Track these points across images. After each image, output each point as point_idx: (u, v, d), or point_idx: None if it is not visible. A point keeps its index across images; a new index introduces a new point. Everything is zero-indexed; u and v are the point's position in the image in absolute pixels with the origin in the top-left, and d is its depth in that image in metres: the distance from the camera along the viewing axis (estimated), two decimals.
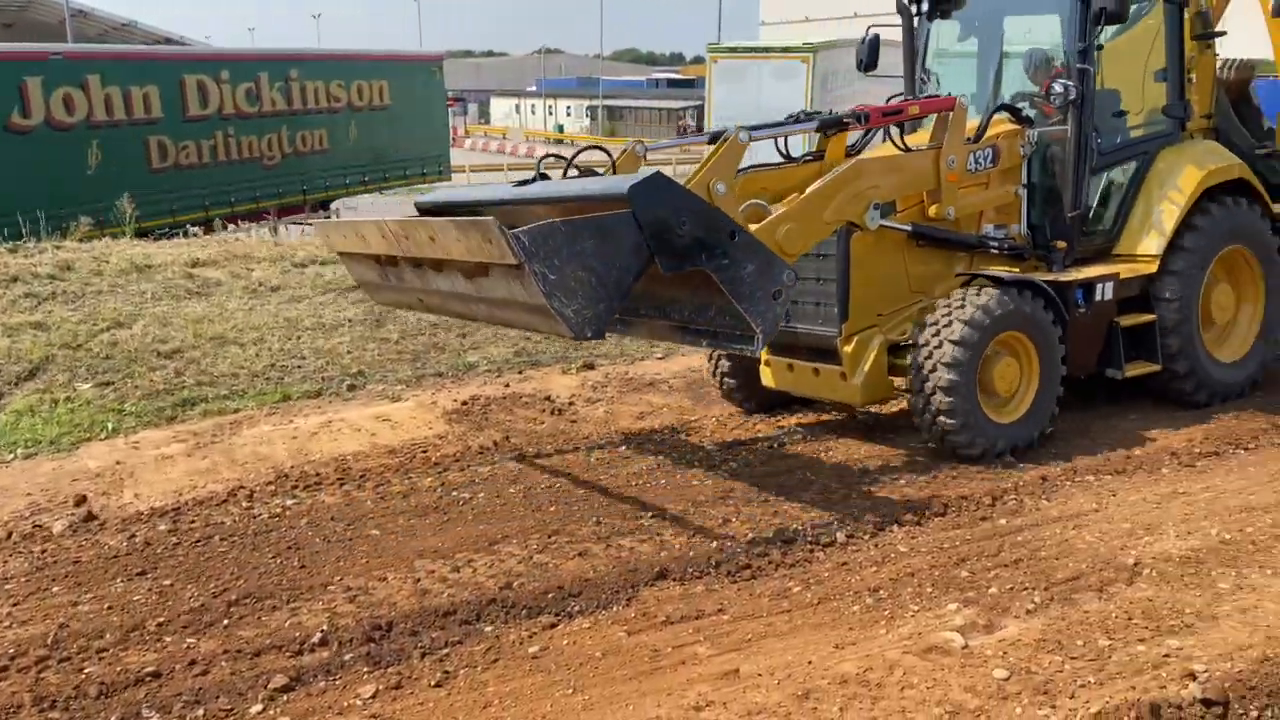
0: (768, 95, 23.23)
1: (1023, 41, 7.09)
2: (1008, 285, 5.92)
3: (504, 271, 4.33)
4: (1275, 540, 4.59)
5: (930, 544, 4.68)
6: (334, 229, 6.10)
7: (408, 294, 5.69)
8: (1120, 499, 5.18)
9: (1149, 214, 6.67)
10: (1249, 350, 7.00)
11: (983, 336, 5.65)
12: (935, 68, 7.28)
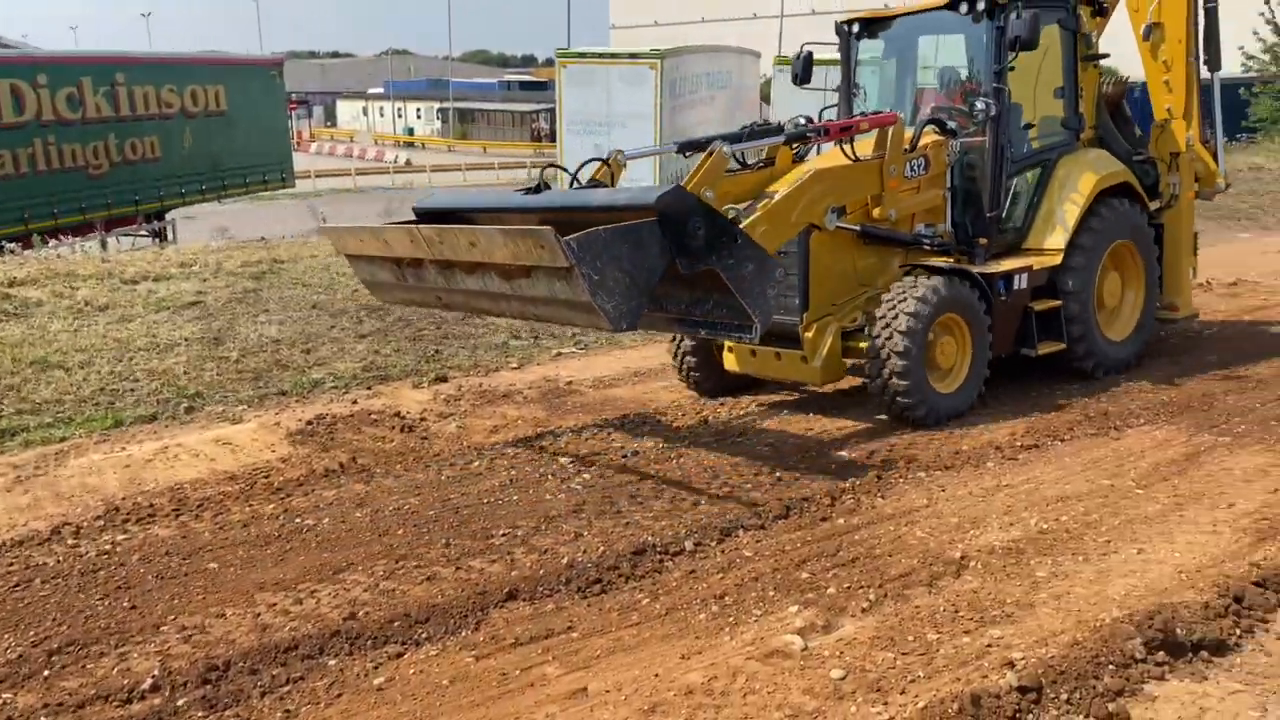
0: (617, 101, 23.44)
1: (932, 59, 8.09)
2: (946, 274, 6.78)
3: (549, 273, 4.96)
4: (1086, 528, 4.93)
5: (774, 547, 4.83)
6: (349, 234, 6.50)
7: (425, 293, 6.24)
8: (949, 494, 5.46)
9: (1053, 214, 7.59)
10: (1134, 330, 8.02)
11: (929, 318, 6.50)
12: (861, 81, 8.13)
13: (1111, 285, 7.90)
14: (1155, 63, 8.59)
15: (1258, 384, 7.60)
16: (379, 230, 6.18)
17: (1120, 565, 4.47)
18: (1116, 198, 7.80)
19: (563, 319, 5.53)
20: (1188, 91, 8.54)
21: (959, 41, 7.78)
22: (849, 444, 6.46)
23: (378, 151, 54.05)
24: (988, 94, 7.20)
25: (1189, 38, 8.46)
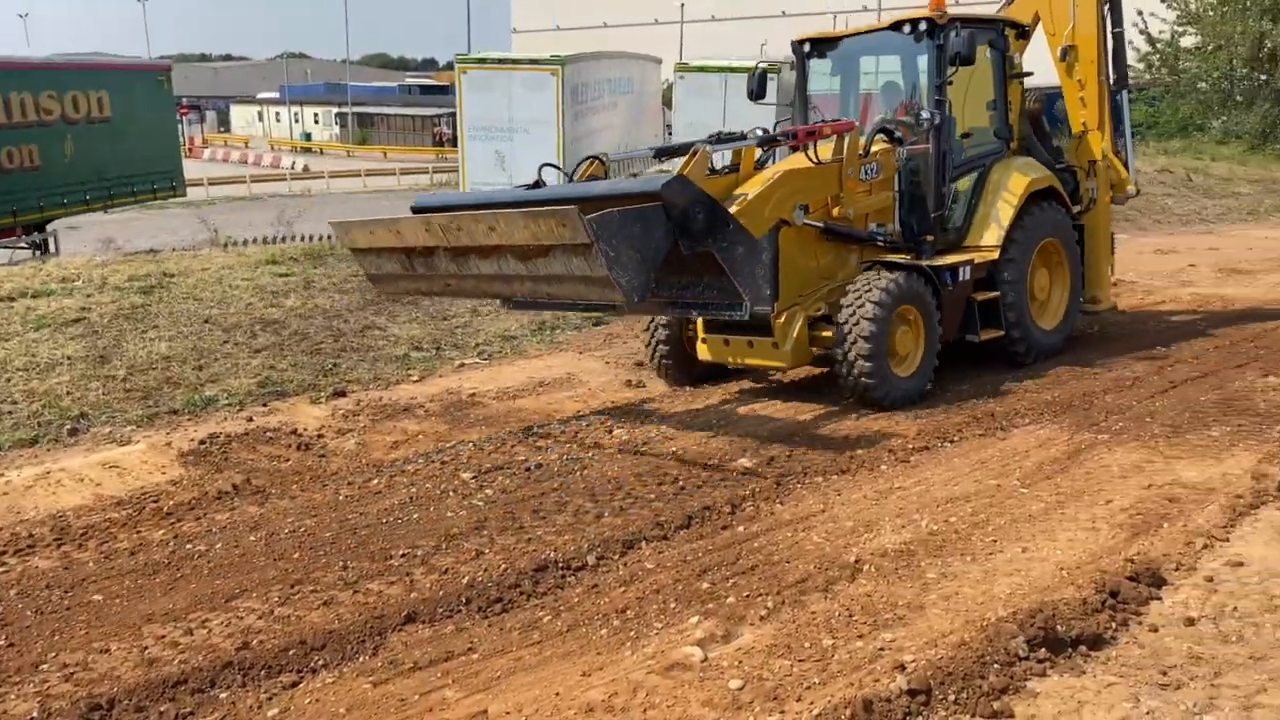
0: (519, 107, 23.32)
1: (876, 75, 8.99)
2: (904, 270, 7.47)
3: (568, 250, 5.46)
4: (974, 528, 5.10)
5: (676, 558, 4.87)
6: (358, 228, 6.90)
7: (434, 281, 6.68)
8: (844, 498, 5.59)
9: (989, 214, 8.38)
10: (1061, 320, 8.89)
11: (890, 308, 7.16)
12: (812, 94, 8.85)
13: (1041, 279, 8.71)
14: (1071, 81, 9.40)
15: (1134, 382, 7.97)
16: (392, 221, 6.63)
17: (1005, 564, 4.64)
18: (1044, 200, 8.62)
19: (578, 294, 5.95)
20: (1100, 106, 9.41)
21: (901, 60, 8.69)
22: (750, 451, 6.56)
23: (274, 158, 52.66)
24: (930, 106, 8.02)
25: (1100, 58, 9.35)
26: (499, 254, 5.94)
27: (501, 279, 6.17)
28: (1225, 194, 22.94)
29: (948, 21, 7.93)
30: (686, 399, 7.99)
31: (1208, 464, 5.97)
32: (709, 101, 25.98)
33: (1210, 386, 7.80)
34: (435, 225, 6.20)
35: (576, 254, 5.44)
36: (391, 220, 6.66)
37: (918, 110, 8.22)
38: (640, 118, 31.34)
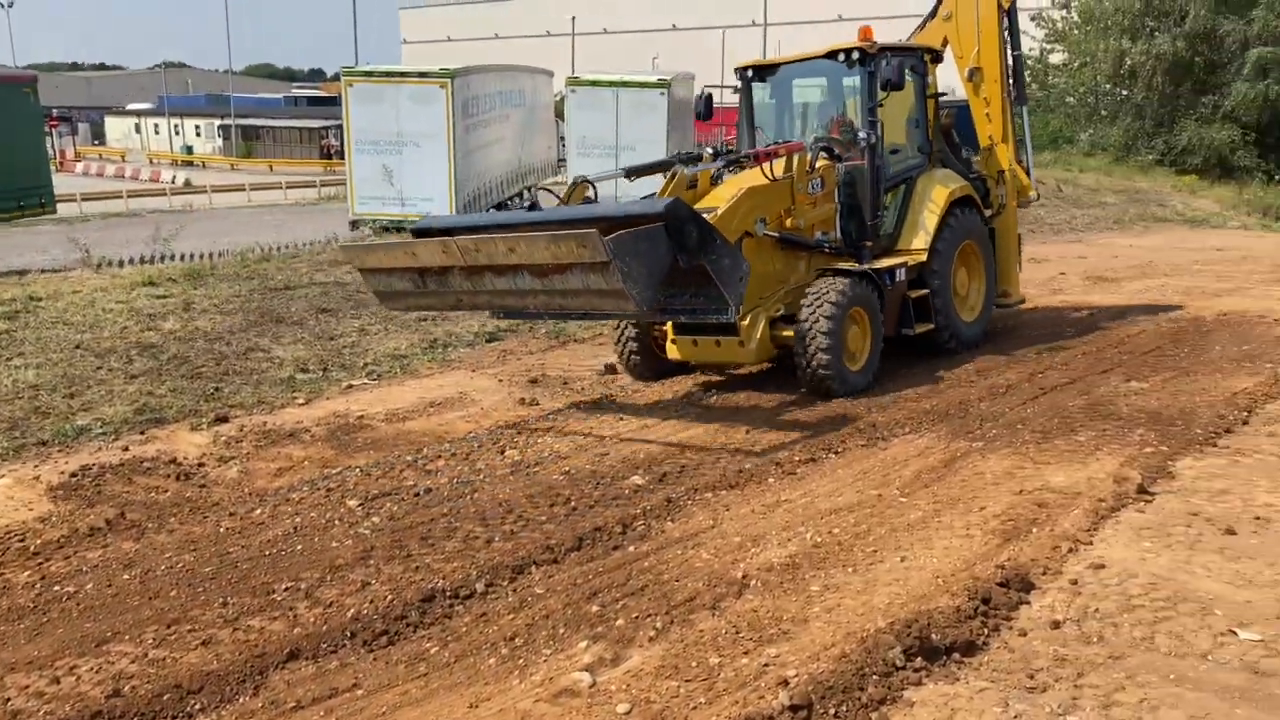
0: (407, 120, 23.03)
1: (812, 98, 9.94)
2: (854, 275, 8.32)
3: (585, 268, 6.15)
4: (856, 539, 5.24)
5: (566, 581, 4.88)
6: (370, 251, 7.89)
7: (445, 297, 7.33)
8: (733, 513, 5.68)
9: (917, 221, 9.27)
10: (980, 313, 9.87)
11: (844, 310, 7.95)
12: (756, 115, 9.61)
13: (962, 277, 9.67)
14: (978, 99, 10.48)
15: (1008, 390, 8.31)
16: (407, 245, 7.35)
17: (885, 574, 4.78)
18: (962, 207, 9.57)
19: (591, 306, 6.67)
20: (1004, 121, 10.48)
21: (835, 84, 9.64)
22: (642, 469, 6.60)
23: (153, 172, 50.72)
24: (864, 127, 8.89)
25: (1002, 78, 10.38)
26: (515, 272, 6.64)
27: (515, 294, 6.85)
28: (1093, 204, 24.14)
29: (878, 51, 8.85)
30: (580, 416, 8.01)
31: (1074, 468, 6.26)
32: (601, 115, 26.14)
33: (1078, 392, 8.19)
34: (454, 247, 6.78)
35: (594, 271, 6.14)
36: (407, 243, 7.39)
37: (851, 129, 9.16)
38: (533, 130, 31.30)
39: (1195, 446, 6.69)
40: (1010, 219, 10.61)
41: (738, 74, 9.64)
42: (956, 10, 10.40)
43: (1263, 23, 28.30)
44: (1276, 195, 27.17)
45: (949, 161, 9.94)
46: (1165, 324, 10.94)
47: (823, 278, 8.28)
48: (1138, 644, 4.04)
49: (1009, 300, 10.69)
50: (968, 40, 10.32)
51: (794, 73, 9.62)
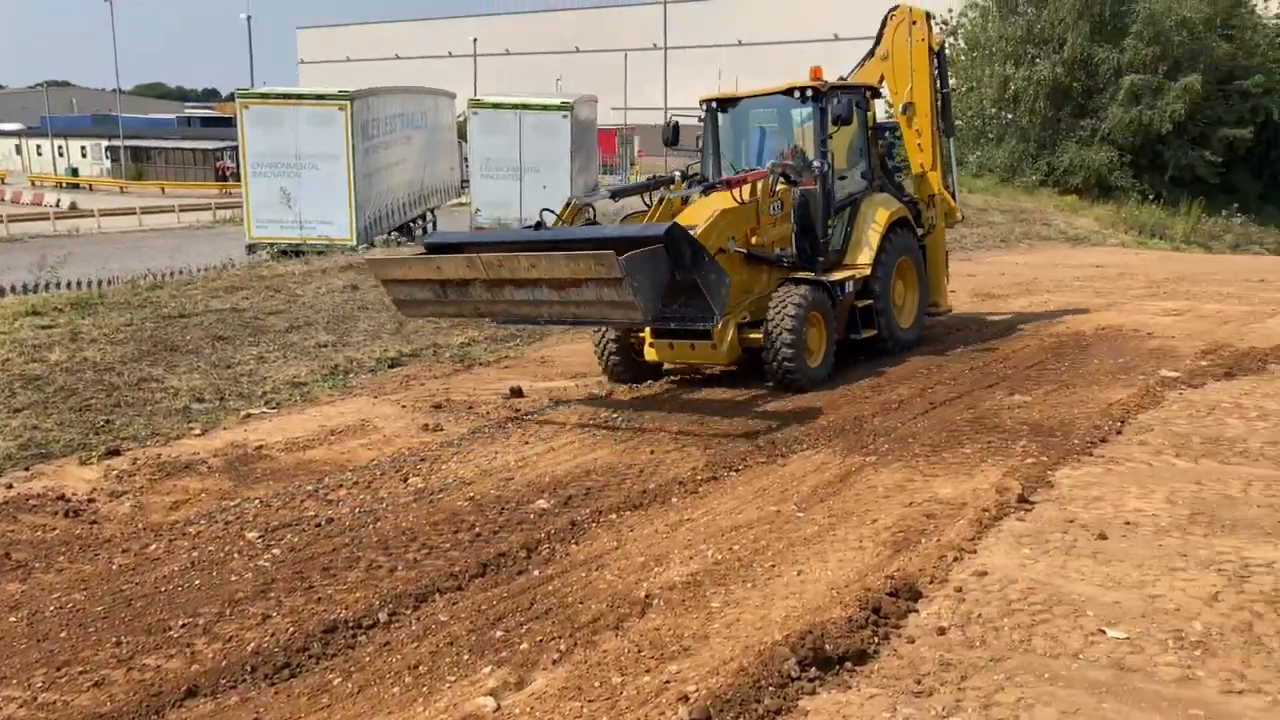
0: (306, 142, 22.75)
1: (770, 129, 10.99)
2: (812, 284, 9.38)
3: (599, 283, 7.16)
4: (755, 555, 5.40)
5: (470, 608, 4.90)
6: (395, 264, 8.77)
7: (463, 306, 8.22)
8: (637, 534, 5.79)
9: (862, 239, 10.35)
10: (915, 320, 11.01)
11: (804, 314, 9.01)
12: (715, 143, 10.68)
13: (899, 289, 10.78)
14: (910, 130, 11.53)
15: (900, 405, 8.62)
16: (431, 259, 8.27)
17: (783, 588, 4.94)
18: (899, 227, 10.69)
19: (602, 315, 7.80)
20: (934, 151, 11.59)
21: (790, 118, 10.78)
22: (547, 493, 6.66)
23: (36, 195, 48.72)
24: (817, 156, 10.05)
25: (933, 112, 11.54)
26: (534, 285, 7.55)
27: (532, 304, 7.79)
28: (981, 223, 25.08)
29: (829, 89, 10.06)
30: (485, 441, 8.02)
31: (961, 480, 6.55)
32: (504, 137, 26.22)
33: (965, 406, 8.55)
34: (479, 262, 7.69)
35: (608, 285, 7.16)
36: (431, 258, 8.32)
37: (803, 157, 10.31)
38: (435, 152, 31.18)
39: (1073, 456, 7.06)
40: (939, 238, 11.89)
41: (702, 105, 10.76)
42: (892, 51, 11.47)
43: (1134, 51, 29.88)
44: (1151, 214, 28.68)
45: (887, 186, 11.12)
46: (1047, 339, 11.47)
47: (785, 286, 9.34)
48: (1016, 646, 4.27)
49: (939, 309, 11.83)
50: (902, 78, 11.42)
51: (752, 105, 10.75)
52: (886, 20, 11.59)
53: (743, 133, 10.93)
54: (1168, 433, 7.64)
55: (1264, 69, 30.56)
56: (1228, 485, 6.35)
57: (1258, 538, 5.41)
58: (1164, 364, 9.99)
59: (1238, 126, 30.08)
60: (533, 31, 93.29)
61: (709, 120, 10.66)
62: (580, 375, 10.39)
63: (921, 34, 11.46)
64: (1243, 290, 15.22)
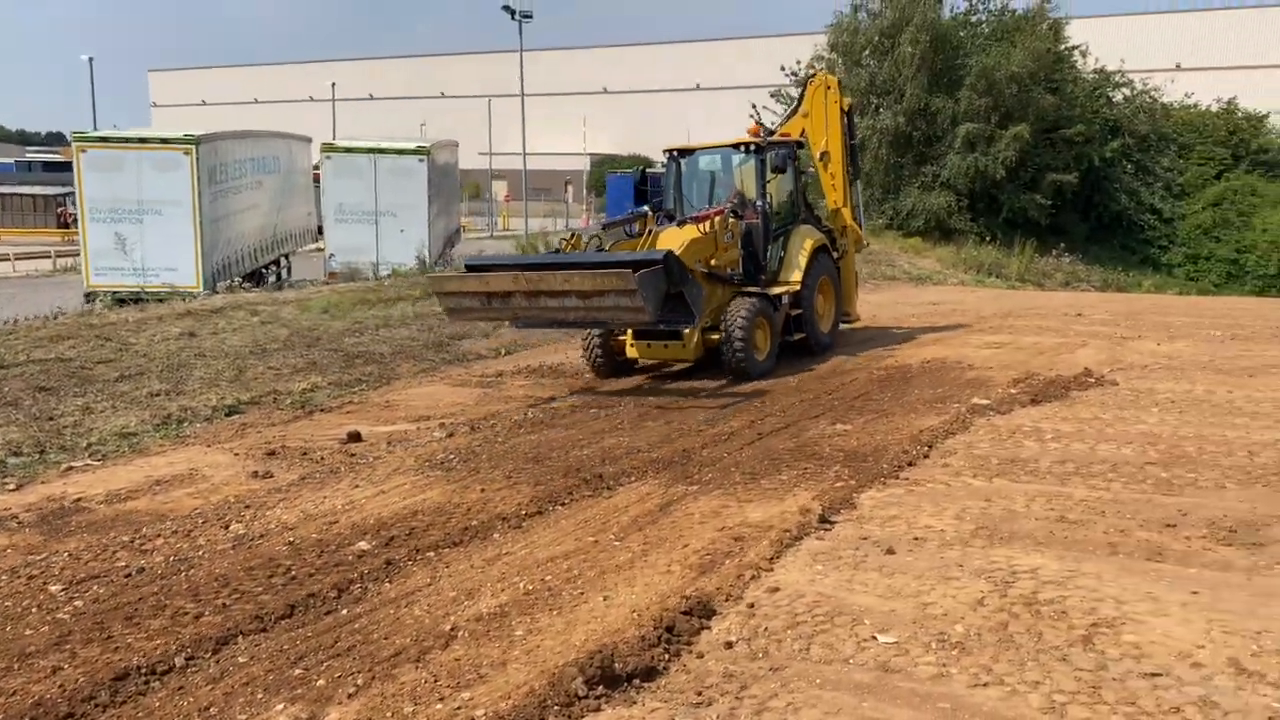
0: (149, 187, 22.09)
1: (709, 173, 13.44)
2: (758, 297, 12.00)
3: (618, 293, 9.72)
4: (567, 584, 5.53)
5: (272, 649, 4.87)
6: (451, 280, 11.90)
7: (505, 312, 10.83)
8: (453, 569, 5.85)
9: (793, 261, 12.93)
10: (832, 327, 13.70)
11: (753, 318, 11.55)
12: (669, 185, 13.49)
13: (820, 302, 13.28)
14: (826, 173, 14.30)
15: (729, 437, 8.95)
16: (482, 275, 10.97)
17: (587, 614, 5.09)
18: (821, 252, 13.27)
19: (617, 318, 10.37)
20: (845, 191, 14.40)
21: (731, 165, 13.21)
22: (370, 534, 6.65)
23: None
24: (758, 197, 12.72)
25: (844, 159, 14.33)
26: (565, 295, 10.08)
27: (561, 310, 10.30)
28: None
29: (769, 144, 12.72)
30: (314, 486, 7.95)
31: (772, 505, 6.86)
32: (359, 181, 26.01)
33: (790, 436, 8.94)
34: (522, 278, 10.27)
35: (624, 296, 9.73)
36: (481, 275, 11.01)
37: (742, 198, 12.65)
38: (290, 197, 30.64)
39: (880, 480, 7.48)
40: (850, 261, 14.49)
41: (666, 154, 13.52)
42: (812, 110, 14.20)
43: (968, 102, 31.84)
44: (988, 254, 30.44)
45: (809, 219, 13.70)
46: (876, 371, 12.08)
47: (738, 298, 11.83)
48: (795, 656, 4.53)
49: (850, 319, 14.55)
50: (819, 132, 14.14)
51: (703, 155, 13.40)
52: (807, 84, 14.64)
53: (697, 177, 13.45)
54: (970, 455, 8.17)
55: (1084, 119, 32.98)
56: (1013, 501, 6.85)
57: (1029, 548, 5.86)
58: (978, 393, 10.66)
59: (1064, 172, 32.30)
60: (397, 76, 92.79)
61: (671, 166, 13.31)
62: (423, 418, 10.39)
63: (835, 97, 14.23)
64: (1060, 324, 16.34)
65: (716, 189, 13.26)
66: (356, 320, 16.02)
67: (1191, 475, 7.43)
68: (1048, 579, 5.30)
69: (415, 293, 18.07)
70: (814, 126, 14.14)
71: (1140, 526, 6.22)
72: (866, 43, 33.96)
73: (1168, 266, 33.30)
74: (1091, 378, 11.15)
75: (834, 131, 14.20)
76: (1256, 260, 31.98)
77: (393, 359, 13.71)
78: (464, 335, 15.33)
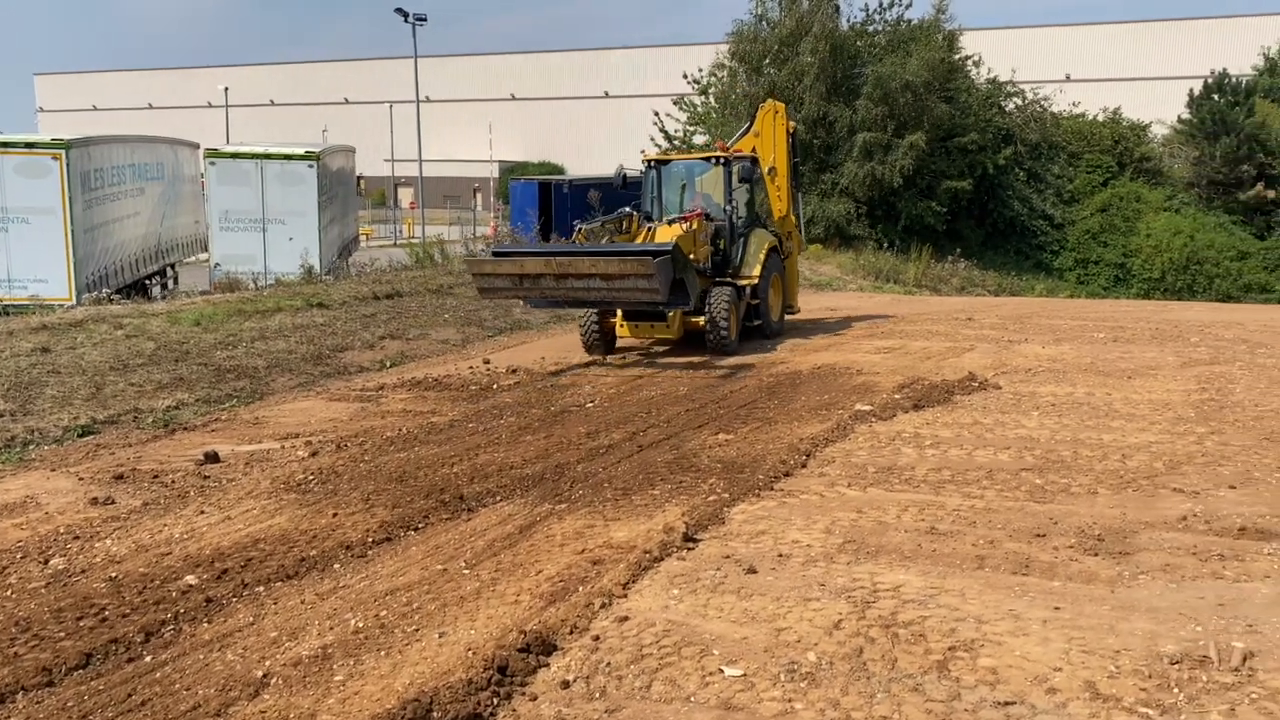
0: (13, 194, 20.87)
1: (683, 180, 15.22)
2: (731, 287, 13.92)
3: (637, 276, 11.67)
4: (402, 619, 5.10)
5: (54, 706, 4.32)
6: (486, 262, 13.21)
7: (534, 291, 12.52)
8: (280, 605, 5.36)
9: (752, 259, 14.49)
10: (780, 316, 15.49)
11: (731, 304, 13.43)
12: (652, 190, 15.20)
13: (772, 295, 14.94)
14: (774, 185, 15.87)
15: (608, 449, 8.60)
16: (515, 259, 12.77)
17: (417, 654, 4.67)
18: (773, 252, 14.94)
19: (633, 298, 12.28)
20: (790, 201, 16.20)
21: (699, 174, 15.12)
22: (204, 566, 6.10)
23: None
24: (726, 203, 14.45)
25: (789, 174, 16.16)
26: (590, 278, 11.88)
27: (584, 290, 12.06)
28: None
29: (736, 158, 14.46)
30: (157, 513, 7.34)
31: (639, 523, 6.52)
32: (246, 188, 25.00)
33: (670, 447, 8.63)
34: (553, 262, 12.11)
35: (643, 279, 11.65)
36: (515, 259, 12.81)
37: (713, 203, 14.58)
38: (176, 205, 29.41)
39: (754, 492, 7.21)
40: (794, 261, 16.57)
41: (644, 163, 15.25)
42: (762, 131, 15.90)
43: (865, 110, 32.19)
44: (886, 260, 30.77)
45: (763, 224, 15.41)
46: (766, 378, 11.88)
47: (716, 288, 13.69)
48: (635, 694, 4.18)
49: (793, 311, 16.33)
50: (768, 150, 15.80)
51: (678, 165, 15.37)
52: (758, 109, 16.68)
53: (671, 183, 15.16)
54: (847, 464, 7.97)
55: (978, 128, 33.67)
56: (885, 512, 6.64)
57: (895, 563, 5.63)
58: (863, 399, 10.52)
59: (960, 179, 32.90)
60: (301, 82, 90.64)
61: (649, 174, 15.03)
62: (291, 436, 9.81)
63: (782, 121, 16.11)
64: (951, 328, 16.43)
65: (689, 195, 15.11)
66: (231, 333, 15.23)
67: (1065, 481, 7.34)
68: (909, 597, 5.06)
69: (295, 303, 17.32)
70: (764, 145, 15.82)
71: (1010, 537, 6.05)
72: (766, 51, 34.13)
73: (1059, 271, 34.18)
74: (975, 382, 11.13)
75: (781, 150, 16.04)
76: (1141, 264, 33.03)
77: (267, 373, 13.04)
78: (346, 347, 14.70)
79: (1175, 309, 20.28)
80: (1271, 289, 31.28)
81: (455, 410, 10.68)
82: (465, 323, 16.93)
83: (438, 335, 15.92)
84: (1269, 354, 13.12)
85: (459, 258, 23.67)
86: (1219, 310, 20.22)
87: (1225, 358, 12.86)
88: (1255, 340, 14.36)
